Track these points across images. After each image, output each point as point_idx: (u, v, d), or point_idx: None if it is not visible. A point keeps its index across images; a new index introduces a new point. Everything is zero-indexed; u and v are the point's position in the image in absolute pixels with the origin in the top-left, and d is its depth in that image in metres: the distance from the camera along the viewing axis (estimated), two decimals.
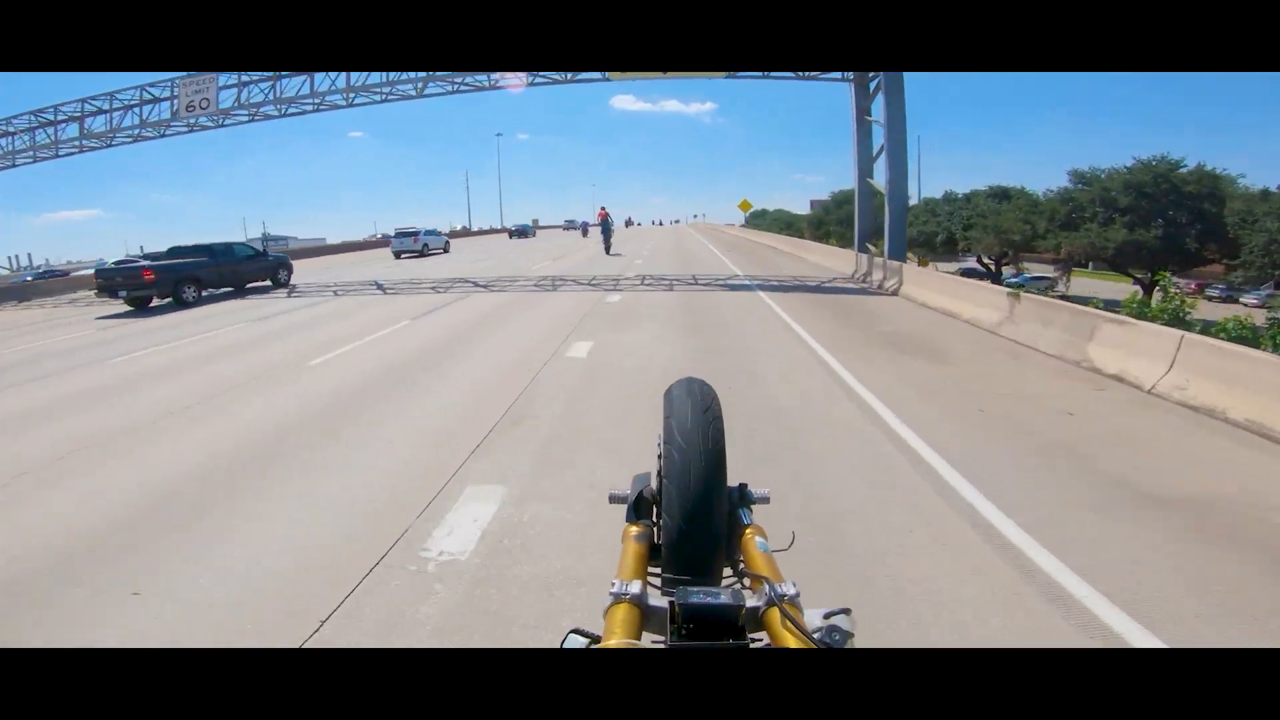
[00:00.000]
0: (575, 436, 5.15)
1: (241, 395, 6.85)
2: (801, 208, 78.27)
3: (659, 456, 1.12)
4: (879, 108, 15.49)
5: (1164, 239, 21.41)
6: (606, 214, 28.22)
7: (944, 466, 4.31)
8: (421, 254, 32.81)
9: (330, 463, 4.77)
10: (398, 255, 32.65)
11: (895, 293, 13.13)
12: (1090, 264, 27.76)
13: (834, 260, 20.59)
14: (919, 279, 13.02)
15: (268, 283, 19.12)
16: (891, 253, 14.89)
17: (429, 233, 35.13)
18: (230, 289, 17.91)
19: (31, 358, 10.10)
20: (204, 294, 16.66)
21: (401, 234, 34.03)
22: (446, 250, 35.27)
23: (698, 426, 1.05)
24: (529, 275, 18.91)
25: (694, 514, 1.00)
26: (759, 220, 64.74)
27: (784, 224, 59.41)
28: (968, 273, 32.00)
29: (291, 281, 19.69)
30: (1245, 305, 34.08)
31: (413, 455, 4.88)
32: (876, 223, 17.04)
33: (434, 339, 9.77)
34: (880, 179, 15.94)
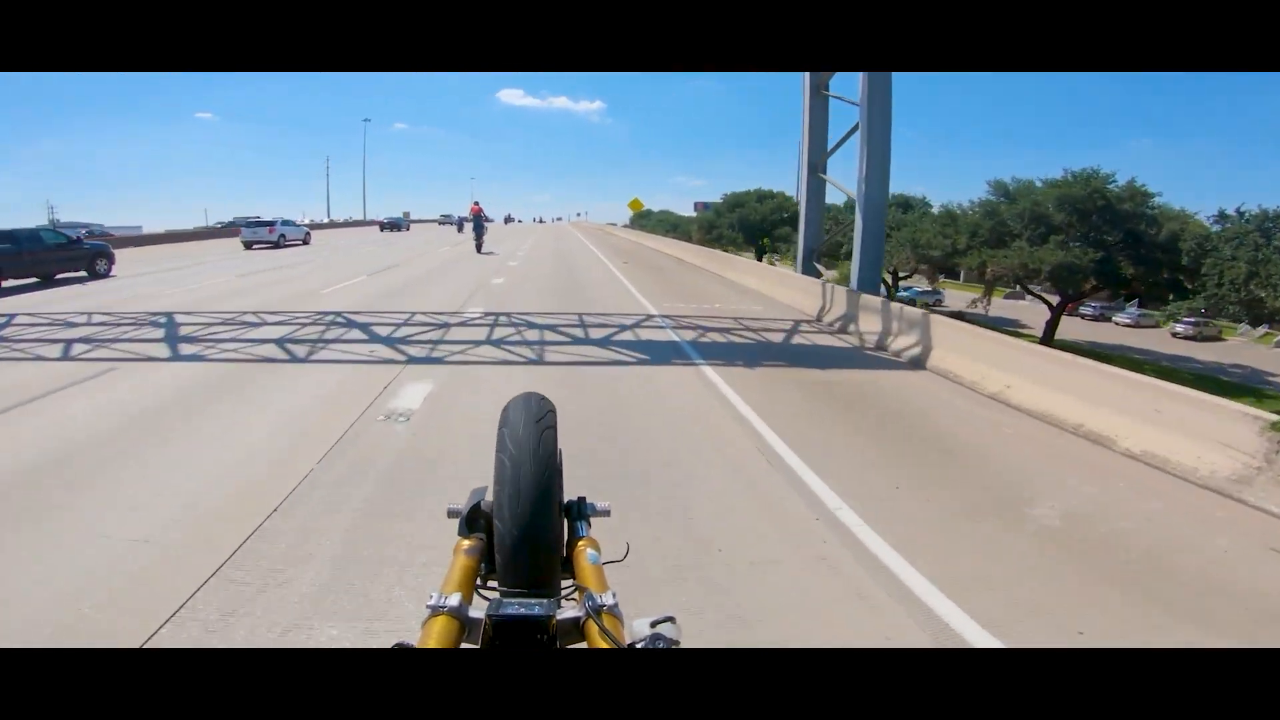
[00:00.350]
0: None
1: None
2: (684, 210, 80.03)
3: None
4: (854, 86, 11.30)
5: (1100, 262, 19.94)
6: (480, 209, 26.56)
7: None
8: (277, 245, 30.09)
9: None
10: (248, 246, 29.27)
11: (921, 364, 7.80)
12: (1016, 284, 25.85)
13: (774, 284, 15.01)
14: (962, 343, 7.50)
15: (83, 274, 17.47)
16: (863, 282, 10.84)
17: (285, 223, 31.79)
18: (36, 280, 16.22)
19: None
20: (4, 285, 15.01)
21: (254, 223, 30.70)
22: (306, 242, 32.10)
23: (530, 436, 1.04)
24: (304, 310, 10.75)
25: (524, 523, 0.99)
26: (644, 221, 65.61)
27: (669, 226, 59.27)
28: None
29: (113, 272, 18.11)
30: (1116, 324, 36.41)
31: None
32: (820, 238, 14.34)
33: None
34: (845, 177, 13.00)
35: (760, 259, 41.07)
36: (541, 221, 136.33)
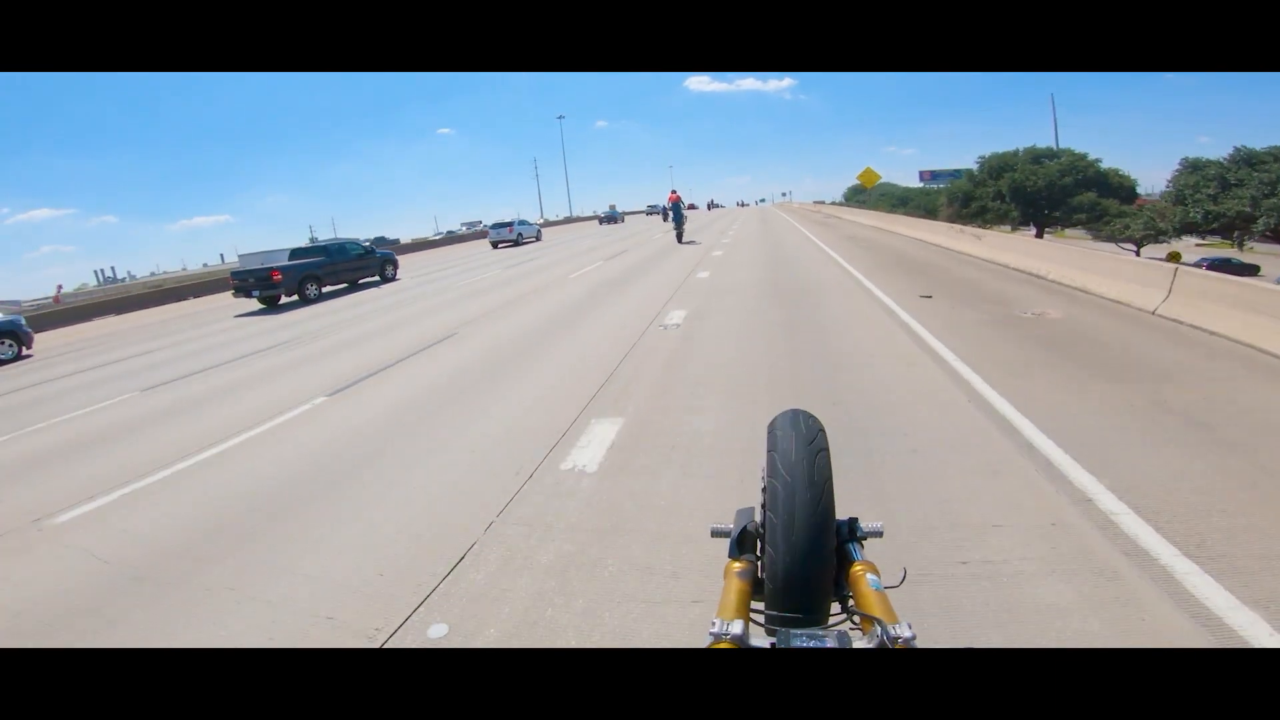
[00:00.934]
0: None
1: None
2: (904, 180, 72.32)
3: (763, 490, 1.08)
4: None
5: None
6: (678, 197, 25.15)
7: None
8: (516, 242, 35.11)
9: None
10: (495, 245, 34.92)
11: None
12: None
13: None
14: None
15: (376, 279, 20.76)
16: None
17: (521, 223, 37.67)
18: (345, 285, 19.62)
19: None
20: (323, 290, 18.38)
21: (497, 225, 36.60)
22: (539, 238, 37.98)
23: (803, 459, 1.02)
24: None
25: (799, 549, 0.97)
26: (861, 197, 57.32)
27: (896, 200, 49.97)
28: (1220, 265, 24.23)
29: (397, 276, 21.27)
30: None
31: None
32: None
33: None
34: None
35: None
36: (744, 205, 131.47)
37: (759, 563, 1.08)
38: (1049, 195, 35.76)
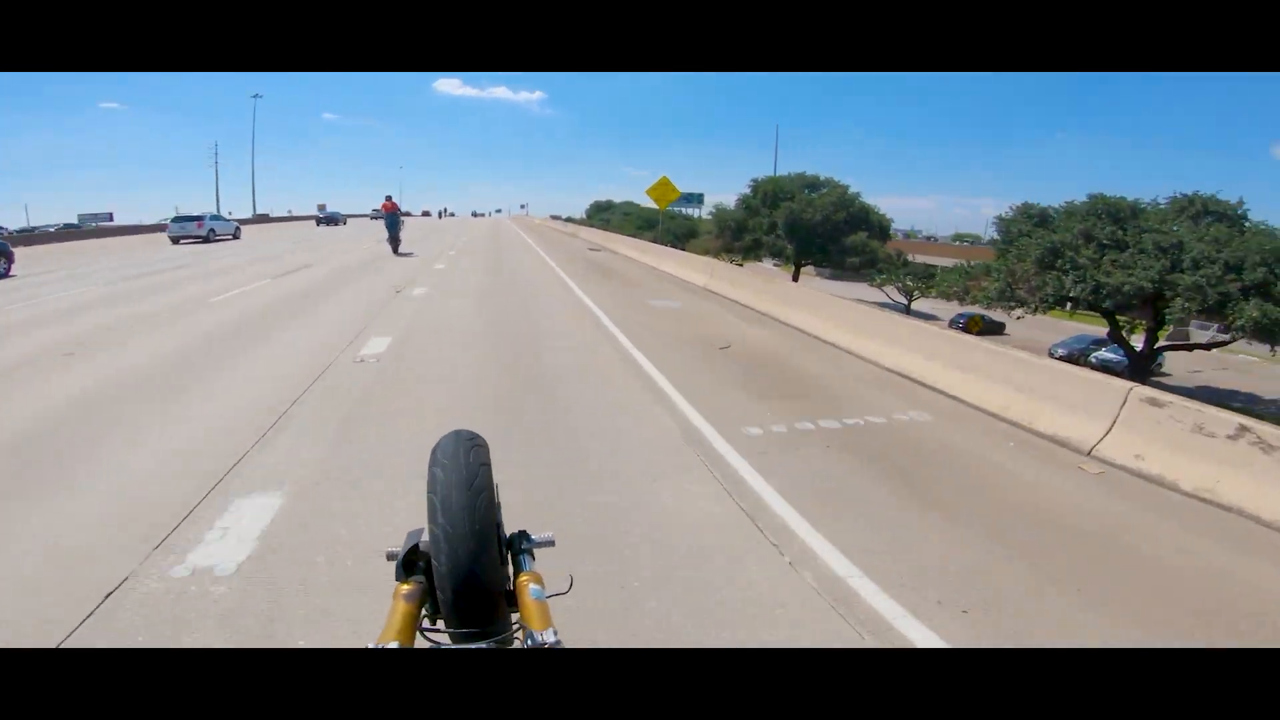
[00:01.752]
0: None
1: None
2: (631, 199, 75.61)
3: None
4: None
5: None
6: (394, 206, 23.30)
7: None
8: (207, 240, 29.52)
9: None
10: (175, 241, 29.03)
11: None
12: None
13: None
14: None
15: None
16: None
17: (215, 217, 32.12)
18: None
19: None
20: None
21: (182, 219, 30.22)
22: (237, 236, 32.60)
23: (462, 473, 1.02)
24: None
25: (464, 565, 0.97)
26: (606, 215, 53.95)
27: (642, 223, 45.52)
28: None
29: (13, 272, 16.38)
30: None
31: None
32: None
33: None
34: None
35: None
36: (478, 215, 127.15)
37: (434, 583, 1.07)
38: (823, 231, 32.20)
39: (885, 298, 35.69)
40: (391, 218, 23.02)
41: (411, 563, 1.09)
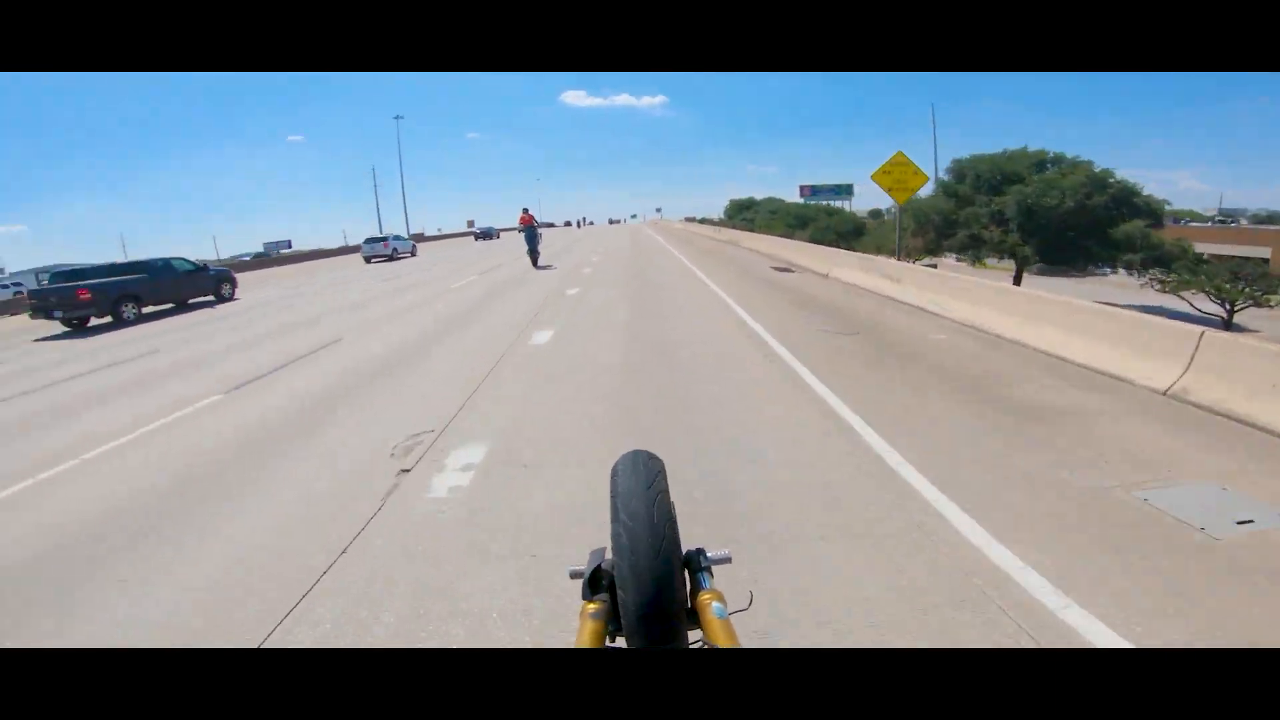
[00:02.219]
0: None
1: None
2: (766, 193, 70.06)
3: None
4: None
5: None
6: (531, 218, 22.17)
7: None
8: (391, 258, 35.34)
9: None
10: (368, 260, 34.97)
11: None
12: None
13: None
14: None
15: (211, 298, 19.11)
16: None
17: (396, 238, 39.34)
18: (171, 305, 17.89)
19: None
20: (144, 311, 16.64)
21: (372, 240, 37.82)
22: (414, 254, 37.98)
23: (643, 498, 1.08)
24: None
25: (647, 592, 1.01)
26: (749, 214, 49.86)
27: (793, 221, 38.26)
28: None
29: (235, 296, 19.70)
30: None
31: None
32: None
33: None
34: None
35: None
36: (614, 222, 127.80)
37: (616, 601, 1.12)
38: (1077, 222, 22.81)
39: (1187, 306, 23.93)
40: (530, 231, 21.96)
41: (596, 581, 1.14)
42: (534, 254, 21.53)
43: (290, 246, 64.60)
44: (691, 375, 6.75)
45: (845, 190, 60.07)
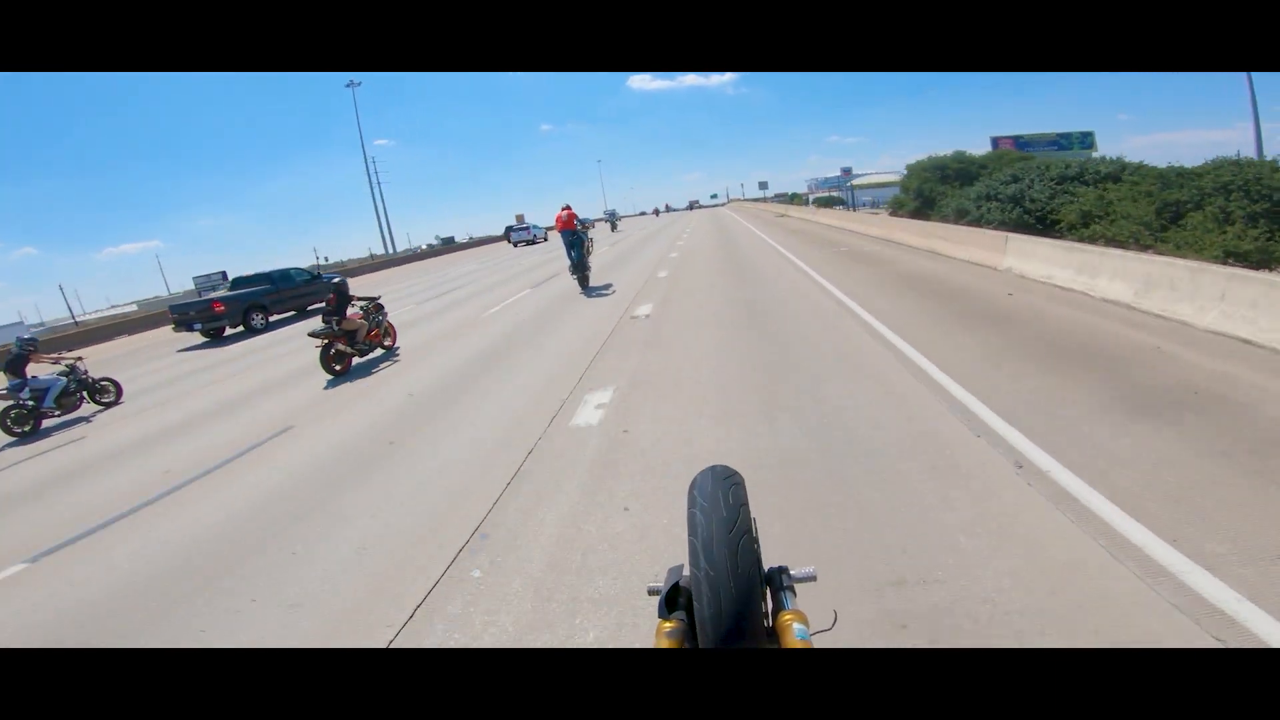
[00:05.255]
0: None
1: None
2: (833, 169, 67.25)
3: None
4: None
5: None
6: (572, 218, 14.88)
7: None
8: (531, 243, 46.20)
9: None
10: (515, 244, 46.28)
11: None
12: None
13: None
14: None
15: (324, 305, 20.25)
16: None
17: (535, 227, 49.95)
18: (293, 313, 19.08)
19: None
20: (270, 320, 17.82)
21: (518, 229, 49.45)
22: (546, 239, 45.97)
23: (722, 514, 1.05)
24: None
25: (724, 609, 0.99)
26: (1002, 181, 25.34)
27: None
28: None
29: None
30: None
31: None
32: None
33: None
34: None
35: None
36: (695, 206, 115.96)
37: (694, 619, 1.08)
38: None
39: None
40: (572, 237, 14.65)
41: (673, 599, 1.11)
42: (580, 269, 14.61)
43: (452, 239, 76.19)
44: None
45: (1080, 138, 45.37)
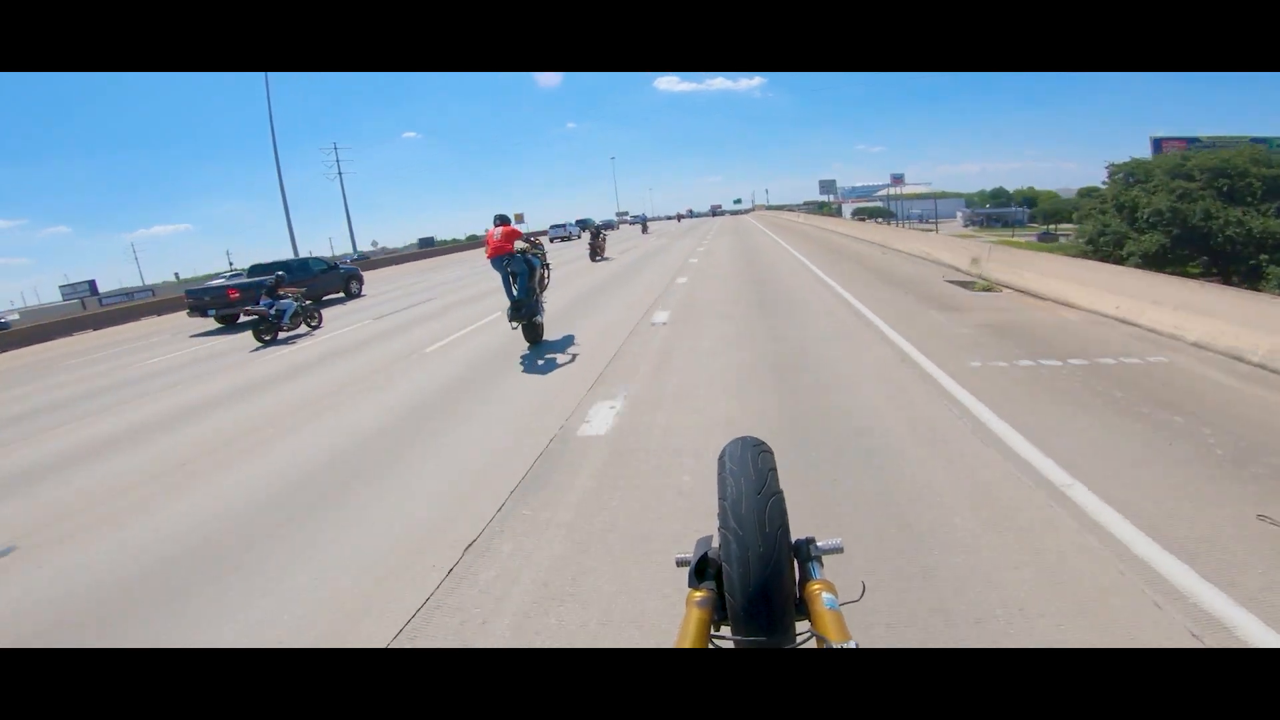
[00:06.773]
0: None
1: None
2: (869, 180, 61.99)
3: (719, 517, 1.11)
4: None
5: None
6: (510, 239, 8.97)
7: None
8: (567, 239, 50.85)
9: None
10: (552, 240, 49.07)
11: None
12: None
13: None
14: None
15: (341, 295, 20.22)
16: None
17: (569, 225, 54.57)
18: (309, 302, 19.04)
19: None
20: None
21: (556, 226, 54.83)
22: (579, 237, 49.33)
23: (751, 483, 1.06)
24: None
25: (755, 578, 1.00)
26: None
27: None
28: None
29: (362, 292, 20.76)
30: None
31: None
32: None
33: None
34: None
35: None
36: (718, 212, 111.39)
37: (723, 589, 1.10)
38: None
39: None
40: (513, 263, 8.95)
41: (702, 570, 1.12)
42: (523, 313, 8.82)
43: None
44: None
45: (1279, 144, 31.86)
